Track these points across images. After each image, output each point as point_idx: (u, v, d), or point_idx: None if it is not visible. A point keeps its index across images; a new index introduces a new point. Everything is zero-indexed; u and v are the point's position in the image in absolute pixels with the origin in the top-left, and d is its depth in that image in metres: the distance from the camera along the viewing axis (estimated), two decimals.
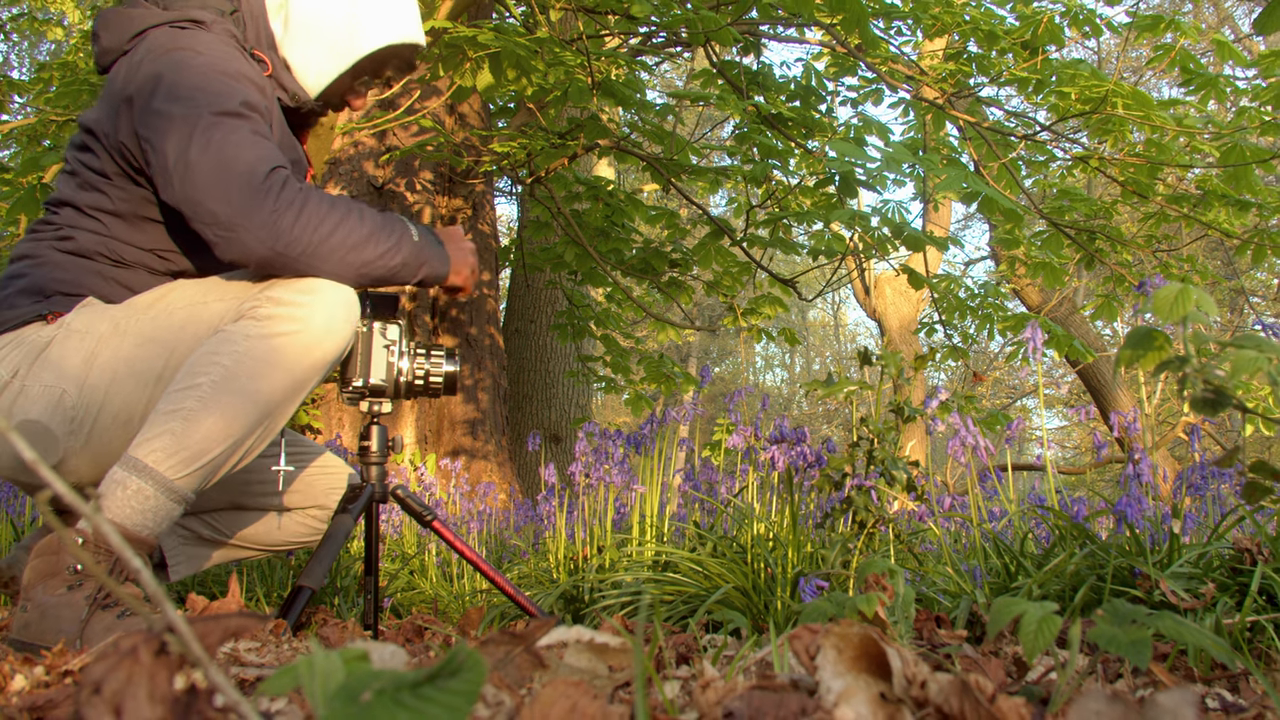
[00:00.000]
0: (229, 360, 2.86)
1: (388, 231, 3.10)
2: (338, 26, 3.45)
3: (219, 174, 2.94)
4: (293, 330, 2.91)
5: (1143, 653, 1.57)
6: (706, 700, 1.34)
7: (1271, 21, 4.54)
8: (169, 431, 2.82)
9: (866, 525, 4.05)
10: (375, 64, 3.54)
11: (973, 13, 7.99)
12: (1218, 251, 22.12)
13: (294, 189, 2.98)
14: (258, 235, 2.90)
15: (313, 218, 2.96)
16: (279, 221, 2.91)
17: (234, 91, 3.07)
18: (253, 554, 3.89)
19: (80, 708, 1.00)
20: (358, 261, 3.03)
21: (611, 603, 4.37)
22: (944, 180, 5.24)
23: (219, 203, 2.93)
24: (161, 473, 2.81)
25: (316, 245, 2.95)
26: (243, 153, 3.00)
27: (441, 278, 3.30)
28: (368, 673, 0.98)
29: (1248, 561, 2.87)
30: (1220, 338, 1.82)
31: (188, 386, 2.85)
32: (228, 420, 2.86)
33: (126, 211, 3.20)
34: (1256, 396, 8.86)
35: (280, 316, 2.90)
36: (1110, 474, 19.71)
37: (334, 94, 3.56)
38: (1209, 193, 8.31)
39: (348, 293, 3.04)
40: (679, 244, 9.82)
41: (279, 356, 2.90)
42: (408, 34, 3.54)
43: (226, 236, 2.93)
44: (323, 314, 2.94)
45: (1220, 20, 25.40)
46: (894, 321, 22.59)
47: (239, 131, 3.03)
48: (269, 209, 2.91)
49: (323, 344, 2.96)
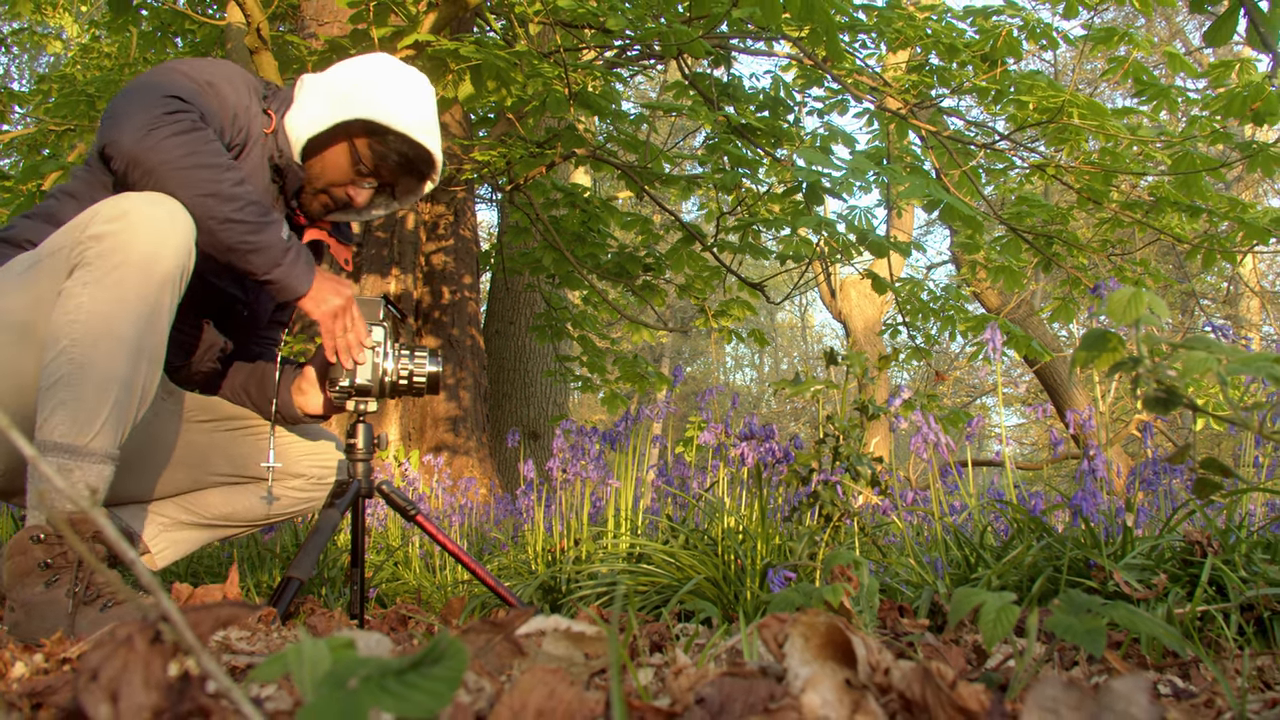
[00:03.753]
0: (81, 315, 2.81)
1: (256, 211, 3.05)
2: (333, 94, 3.47)
3: (133, 88, 3.03)
4: (121, 259, 2.84)
5: (1097, 641, 1.58)
6: (679, 686, 1.34)
7: (1221, 34, 4.55)
8: (60, 403, 2.78)
9: (832, 519, 4.06)
10: (370, 145, 3.50)
11: (935, 26, 8.03)
12: (1170, 256, 22.19)
13: (188, 119, 2.99)
14: (131, 130, 2.90)
15: (187, 145, 2.94)
16: (155, 129, 2.91)
17: (182, 84, 3.13)
18: (237, 531, 3.88)
19: (78, 694, 1.00)
20: (208, 203, 2.97)
21: (588, 593, 4.37)
22: (907, 188, 5.25)
23: (121, 102, 2.98)
24: (72, 443, 2.78)
25: (175, 163, 2.92)
26: (161, 80, 3.07)
27: (293, 293, 3.20)
28: (354, 660, 0.98)
29: (1198, 554, 2.88)
30: (1171, 339, 1.83)
31: (56, 355, 2.80)
32: (105, 368, 2.82)
33: (82, 193, 3.20)
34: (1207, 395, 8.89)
35: (105, 252, 2.84)
36: (1066, 469, 19.78)
37: (326, 165, 3.53)
38: (1161, 199, 8.35)
39: (162, 199, 2.94)
40: (652, 249, 9.84)
41: (123, 290, 2.84)
42: (403, 122, 3.47)
43: (105, 122, 2.96)
44: (145, 230, 2.86)
45: (1172, 34, 25.48)
46: (859, 323, 22.62)
47: (171, 77, 3.11)
48: (156, 113, 2.93)
49: (159, 258, 2.88)
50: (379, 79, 3.49)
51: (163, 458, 3.63)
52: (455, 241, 10.70)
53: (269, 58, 6.64)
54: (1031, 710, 1.06)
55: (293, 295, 3.22)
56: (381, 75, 3.51)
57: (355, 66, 3.54)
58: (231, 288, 3.59)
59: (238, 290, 3.63)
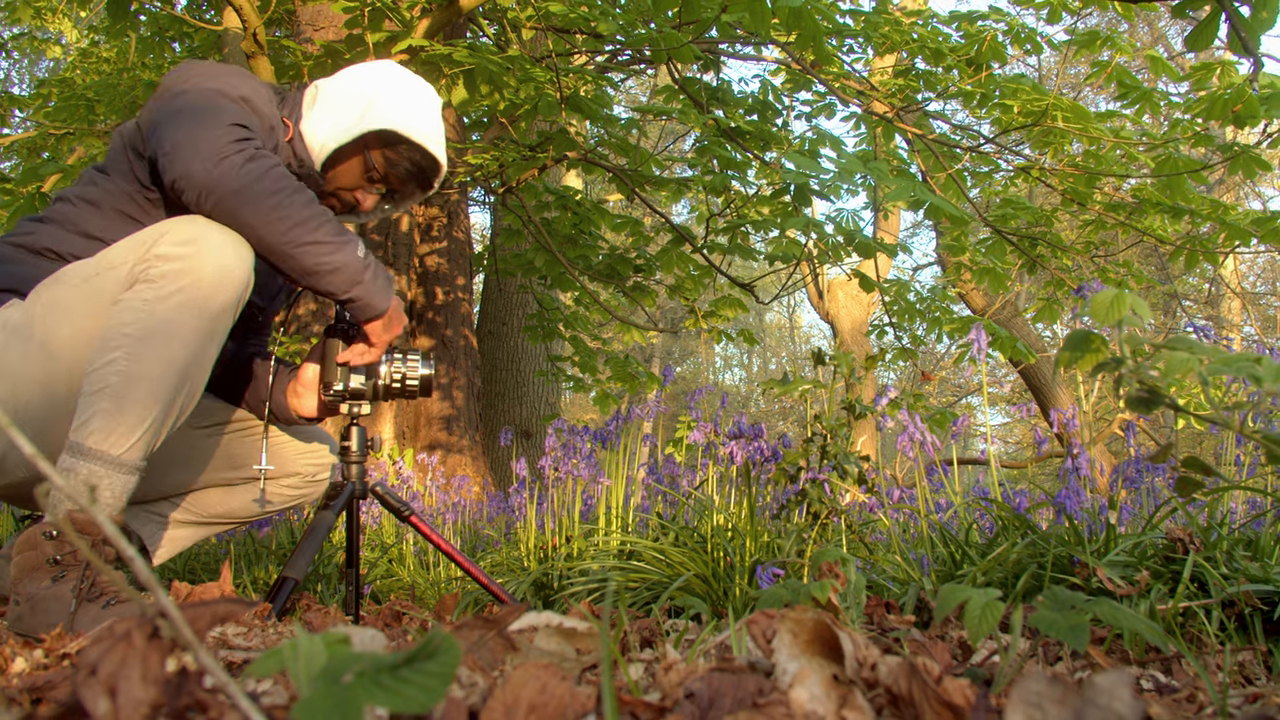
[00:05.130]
0: (135, 330, 2.83)
1: (332, 231, 3.03)
2: (352, 105, 3.49)
3: (187, 115, 3.01)
4: (188, 283, 2.86)
5: (1081, 637, 1.58)
6: (669, 681, 1.34)
7: (1202, 38, 4.57)
8: (101, 411, 2.80)
9: (820, 516, 4.06)
10: (384, 154, 3.54)
11: (920, 31, 8.04)
12: (1152, 257, 22.21)
13: (252, 146, 2.98)
14: (201, 157, 2.89)
15: (258, 169, 2.93)
16: (226, 157, 2.90)
17: (232, 107, 3.13)
18: (233, 526, 3.91)
19: (77, 688, 1.01)
20: (284, 226, 2.95)
21: (579, 589, 4.37)
22: (893, 190, 5.25)
23: (182, 131, 2.95)
24: (105, 451, 2.80)
25: (248, 186, 2.90)
26: (211, 103, 3.08)
27: (373, 311, 3.21)
28: (349, 655, 0.98)
29: (1180, 550, 2.89)
30: (1154, 340, 1.83)
31: (104, 364, 2.82)
32: (152, 385, 2.83)
33: (104, 201, 3.20)
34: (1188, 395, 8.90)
35: (172, 273, 2.86)
36: (1050, 468, 19.78)
37: (341, 173, 3.56)
38: (1144, 201, 8.35)
39: (231, 233, 2.96)
40: (643, 250, 9.83)
41: (182, 313, 2.87)
42: (419, 133, 3.51)
43: (172, 154, 2.93)
44: (212, 259, 2.88)
45: (1154, 38, 25.52)
46: (846, 324, 22.65)
47: (219, 101, 3.12)
48: (222, 143, 2.92)
49: (222, 288, 2.91)
50: (395, 90, 3.53)
51: (167, 461, 3.65)
52: (449, 243, 10.72)
53: (265, 63, 6.64)
54: (1016, 705, 1.06)
55: (373, 314, 3.24)
56: (397, 86, 3.54)
57: (370, 77, 3.56)
58: (253, 297, 3.60)
59: (256, 298, 3.64)
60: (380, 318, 3.26)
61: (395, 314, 3.31)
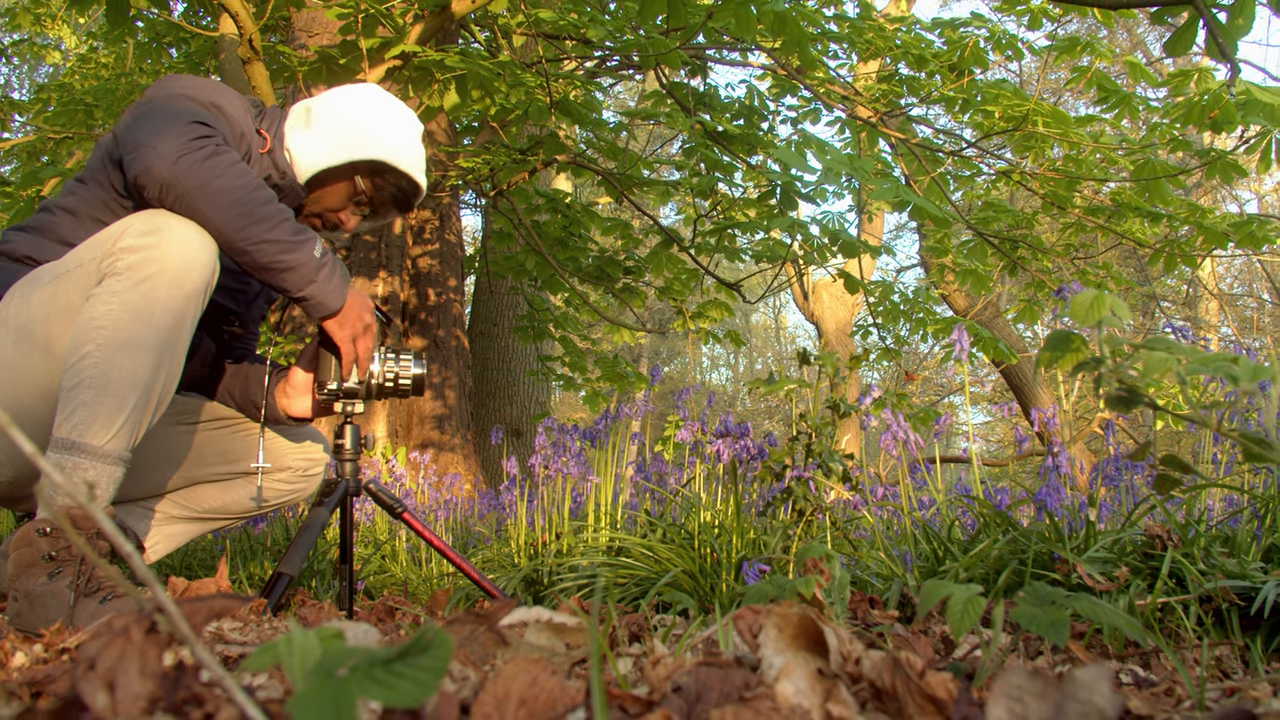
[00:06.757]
0: (107, 322, 2.85)
1: (289, 230, 3.05)
2: (343, 131, 3.51)
3: (150, 116, 3.04)
4: (154, 271, 2.89)
5: (1061, 632, 1.58)
6: (657, 675, 1.34)
7: (1181, 44, 4.58)
8: (81, 404, 2.81)
9: (805, 513, 4.06)
10: (372, 180, 3.57)
11: (904, 37, 8.05)
12: (1131, 259, 22.27)
13: (215, 144, 3.00)
14: (161, 158, 2.90)
15: (217, 166, 2.96)
16: (185, 154, 2.92)
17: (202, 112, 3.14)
18: (228, 522, 3.91)
19: (76, 682, 1.01)
20: (241, 223, 2.97)
21: (569, 585, 4.37)
22: (878, 190, 5.26)
23: (146, 131, 2.98)
24: (89, 443, 2.81)
25: (206, 183, 2.93)
26: (176, 106, 3.09)
27: (325, 310, 3.21)
28: (343, 650, 0.98)
29: (1159, 547, 2.89)
30: (1133, 340, 1.83)
31: (80, 358, 2.84)
32: (129, 375, 2.85)
33: (80, 209, 3.23)
34: (1167, 394, 8.91)
35: (137, 263, 2.88)
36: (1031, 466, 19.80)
37: (325, 194, 3.59)
38: (1123, 204, 8.38)
39: (192, 224, 2.98)
40: (632, 252, 9.84)
41: (152, 301, 2.89)
42: (405, 162, 3.56)
43: (135, 153, 2.95)
44: (176, 247, 2.90)
45: (1133, 44, 25.57)
46: (831, 324, 22.69)
47: (184, 104, 3.13)
48: (183, 140, 2.94)
49: (188, 274, 2.93)
50: (385, 120, 3.57)
51: (158, 458, 3.65)
52: (441, 246, 10.71)
53: (261, 68, 6.63)
54: (997, 698, 1.06)
55: (326, 312, 3.24)
56: (386, 116, 3.58)
57: (360, 104, 3.59)
58: (226, 301, 3.62)
59: (231, 303, 3.66)
60: (334, 316, 3.26)
61: (354, 312, 3.32)
